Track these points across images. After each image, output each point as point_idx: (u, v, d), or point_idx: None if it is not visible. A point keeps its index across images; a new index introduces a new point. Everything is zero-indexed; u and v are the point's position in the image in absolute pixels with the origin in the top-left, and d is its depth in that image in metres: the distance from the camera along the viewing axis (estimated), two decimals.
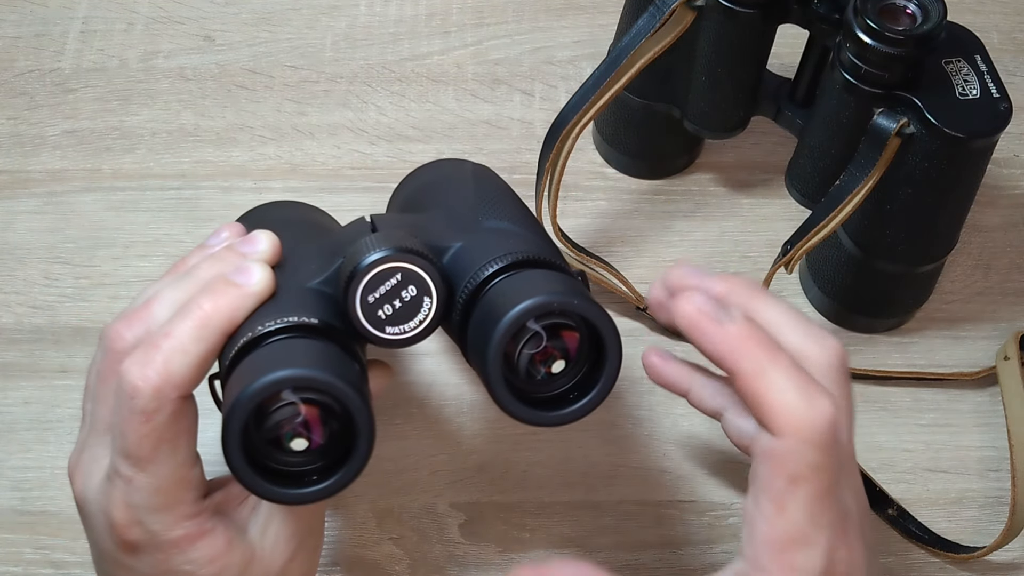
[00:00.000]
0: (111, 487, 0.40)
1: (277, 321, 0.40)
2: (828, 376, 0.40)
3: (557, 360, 0.41)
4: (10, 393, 0.57)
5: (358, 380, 0.39)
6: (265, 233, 0.44)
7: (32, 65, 0.69)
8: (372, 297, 0.41)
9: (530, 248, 0.43)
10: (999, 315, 0.61)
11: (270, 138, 0.66)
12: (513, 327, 0.39)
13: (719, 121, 0.59)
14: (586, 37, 0.70)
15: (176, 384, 0.39)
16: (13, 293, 0.60)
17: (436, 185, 0.51)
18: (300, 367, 0.38)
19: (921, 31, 0.49)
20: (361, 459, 0.39)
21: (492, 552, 0.54)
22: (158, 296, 0.42)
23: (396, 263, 0.40)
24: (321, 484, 0.39)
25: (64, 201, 0.63)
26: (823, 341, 0.41)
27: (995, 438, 0.57)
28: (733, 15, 0.53)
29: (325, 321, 0.41)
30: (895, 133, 0.50)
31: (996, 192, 0.65)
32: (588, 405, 0.41)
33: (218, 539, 0.41)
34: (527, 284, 0.41)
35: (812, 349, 0.40)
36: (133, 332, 0.41)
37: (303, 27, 0.71)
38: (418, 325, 0.41)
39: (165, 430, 0.39)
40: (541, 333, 0.40)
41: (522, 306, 0.39)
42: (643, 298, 0.59)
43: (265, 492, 0.39)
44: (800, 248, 0.53)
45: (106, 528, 0.41)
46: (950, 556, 0.53)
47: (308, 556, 0.44)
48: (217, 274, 0.42)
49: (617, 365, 0.40)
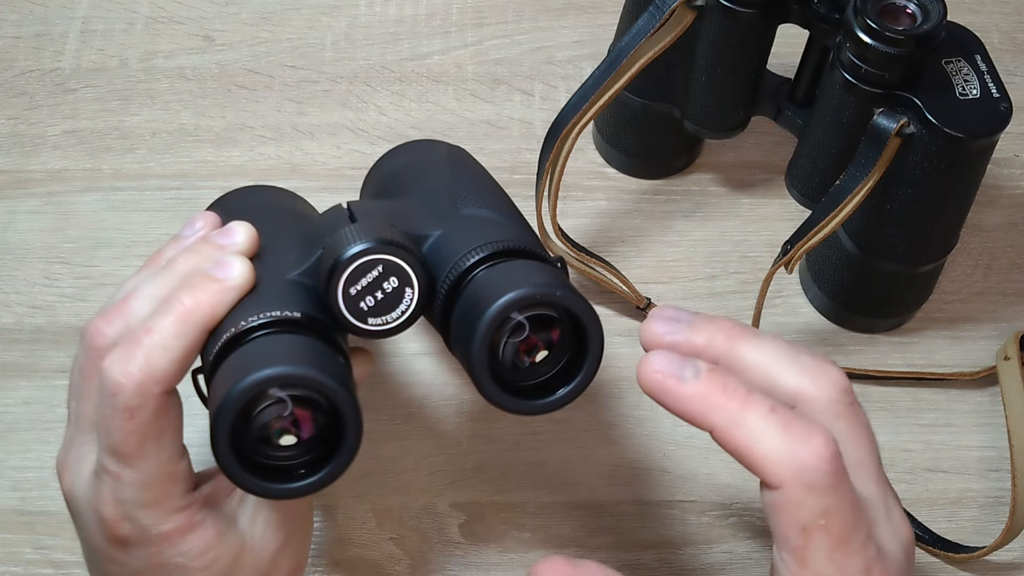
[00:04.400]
0: (99, 484, 0.40)
1: (259, 316, 0.40)
2: (830, 411, 0.37)
3: (540, 350, 0.41)
4: (10, 393, 0.57)
5: (343, 374, 0.40)
6: (242, 224, 0.43)
7: (32, 65, 0.69)
8: (354, 289, 0.41)
9: (510, 236, 0.43)
10: (999, 315, 0.61)
11: (270, 138, 0.66)
12: (497, 320, 0.39)
13: (719, 121, 0.59)
14: (586, 37, 0.70)
15: (158, 380, 0.39)
16: (13, 293, 0.60)
17: (411, 169, 0.51)
18: (285, 364, 0.38)
19: (921, 31, 0.49)
20: (349, 453, 0.39)
21: (492, 552, 0.54)
22: (137, 291, 0.42)
23: (378, 255, 0.40)
24: (310, 478, 0.39)
25: (64, 201, 0.63)
26: (819, 376, 0.38)
27: (995, 438, 0.57)
28: (733, 15, 0.53)
29: (307, 314, 0.41)
30: (895, 133, 0.50)
31: (996, 192, 0.65)
32: (571, 393, 0.41)
33: (208, 531, 0.41)
34: (509, 275, 0.41)
35: (808, 387, 0.37)
36: (113, 328, 0.41)
37: (303, 27, 0.71)
38: (400, 316, 0.42)
39: (150, 426, 0.39)
40: (524, 324, 0.40)
41: (505, 299, 0.39)
42: (643, 298, 0.59)
43: (255, 488, 0.39)
44: (800, 248, 0.53)
45: (96, 524, 0.41)
46: (950, 556, 0.53)
47: (298, 544, 0.45)
48: (195, 268, 0.42)
49: (599, 354, 0.40)
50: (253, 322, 0.40)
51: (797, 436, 0.35)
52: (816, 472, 0.35)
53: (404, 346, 0.59)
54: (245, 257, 0.42)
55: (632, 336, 0.60)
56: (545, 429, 0.57)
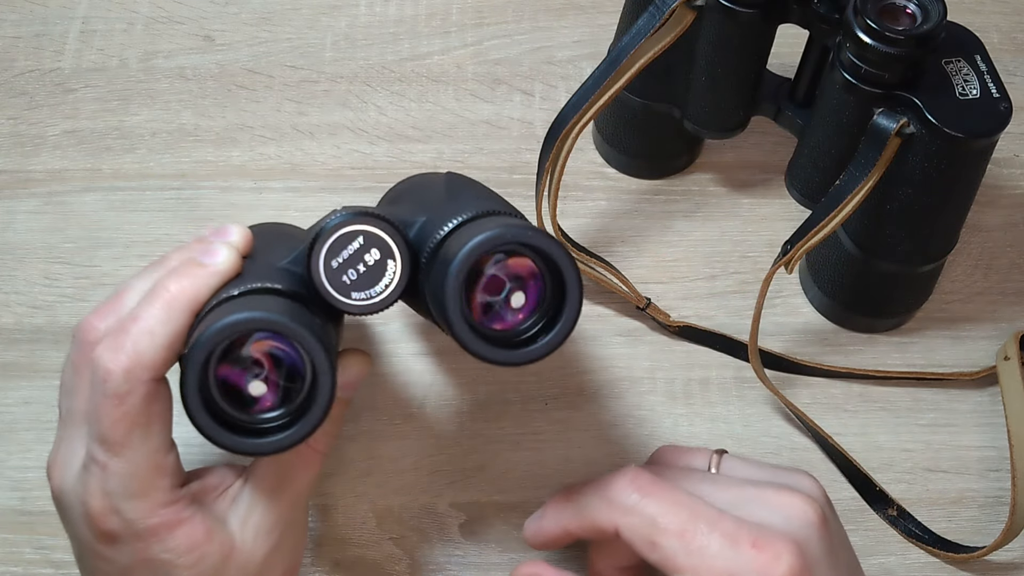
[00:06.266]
0: (87, 476, 0.40)
1: (241, 288, 0.41)
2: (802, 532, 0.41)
3: (516, 292, 0.41)
4: (10, 393, 0.57)
5: (320, 331, 0.40)
6: (237, 224, 0.44)
7: (32, 65, 0.69)
8: (336, 262, 0.41)
9: (492, 207, 0.43)
10: (999, 315, 0.61)
11: (270, 138, 0.66)
12: (469, 259, 0.39)
13: (719, 121, 0.59)
14: (586, 37, 0.70)
15: (146, 365, 0.39)
16: (13, 293, 0.60)
17: (409, 188, 0.53)
18: (259, 311, 0.38)
19: (921, 31, 0.49)
20: (322, 408, 0.39)
21: (492, 552, 0.54)
22: (128, 287, 0.43)
23: (357, 226, 0.41)
24: (279, 435, 0.40)
25: (64, 201, 0.63)
26: (788, 508, 0.42)
27: (995, 438, 0.57)
28: (733, 15, 0.53)
29: (291, 289, 0.41)
30: (895, 133, 0.50)
31: (996, 192, 0.65)
32: (552, 342, 0.41)
33: (196, 528, 0.41)
34: (482, 227, 0.41)
35: (776, 521, 0.42)
36: (105, 323, 0.42)
37: (303, 27, 0.71)
38: (384, 290, 0.42)
39: (138, 413, 0.40)
40: (499, 276, 0.40)
41: (478, 239, 0.39)
42: (643, 298, 0.59)
43: (223, 440, 0.39)
44: (800, 248, 0.53)
45: (83, 518, 0.41)
46: (950, 556, 0.53)
47: (290, 550, 0.45)
48: (184, 259, 0.43)
49: (578, 298, 0.40)
50: (233, 292, 0.41)
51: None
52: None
53: (404, 346, 0.59)
54: (233, 246, 0.43)
55: (632, 336, 0.60)
56: (545, 429, 0.57)
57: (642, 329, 0.60)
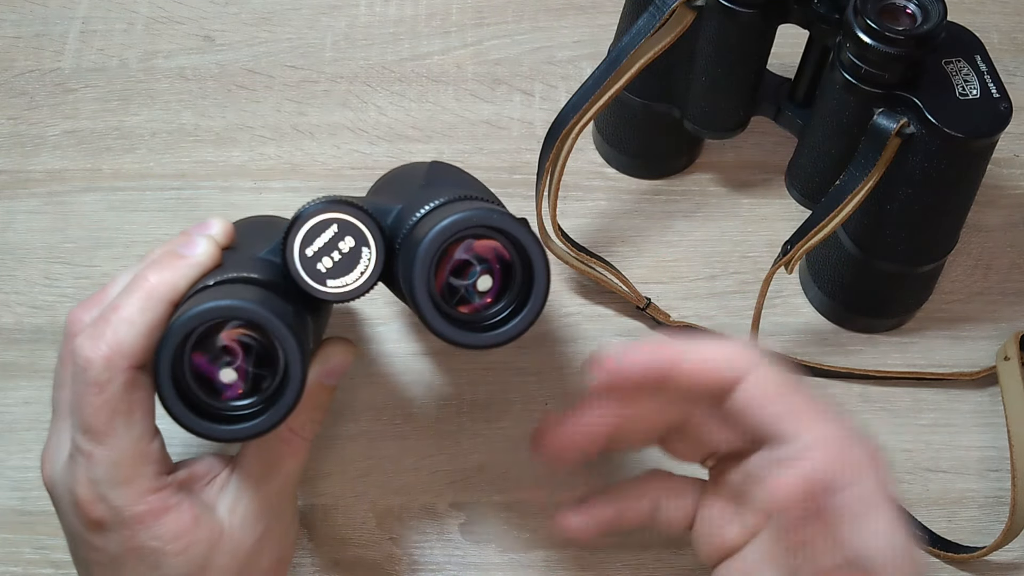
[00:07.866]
0: (74, 465, 0.41)
1: (218, 278, 0.41)
2: None
3: (483, 276, 0.41)
4: (10, 393, 0.57)
5: (291, 318, 0.40)
6: (218, 218, 0.45)
7: (32, 65, 0.69)
8: (310, 250, 0.41)
9: (466, 193, 0.43)
10: (999, 315, 0.61)
11: (270, 138, 0.66)
12: (436, 241, 0.39)
13: (719, 121, 0.59)
14: (586, 37, 0.70)
15: (125, 354, 0.40)
16: (13, 293, 0.60)
17: (392, 178, 0.53)
18: (231, 299, 0.39)
19: (921, 31, 0.49)
20: (293, 394, 0.40)
21: (492, 552, 0.54)
22: (114, 280, 0.44)
23: (330, 214, 0.41)
24: (251, 422, 0.40)
25: (64, 201, 0.63)
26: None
27: (995, 438, 0.57)
28: (733, 15, 0.53)
29: (268, 279, 0.42)
30: (895, 133, 0.50)
31: (996, 192, 0.65)
32: (518, 326, 0.41)
33: (184, 515, 0.42)
34: (452, 209, 0.41)
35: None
36: (90, 315, 0.43)
37: (303, 27, 0.71)
38: (359, 277, 0.42)
39: (119, 401, 0.40)
40: (468, 259, 0.41)
41: (445, 222, 0.39)
42: (643, 298, 0.59)
43: (194, 425, 0.40)
44: (800, 248, 0.53)
45: (72, 508, 0.41)
46: (950, 556, 0.53)
47: (280, 538, 0.45)
48: (165, 251, 0.43)
49: (545, 284, 0.41)
50: (209, 282, 0.41)
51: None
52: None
53: (404, 346, 0.59)
54: (212, 239, 0.43)
55: (633, 336, 0.60)
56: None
57: (642, 329, 0.60)
